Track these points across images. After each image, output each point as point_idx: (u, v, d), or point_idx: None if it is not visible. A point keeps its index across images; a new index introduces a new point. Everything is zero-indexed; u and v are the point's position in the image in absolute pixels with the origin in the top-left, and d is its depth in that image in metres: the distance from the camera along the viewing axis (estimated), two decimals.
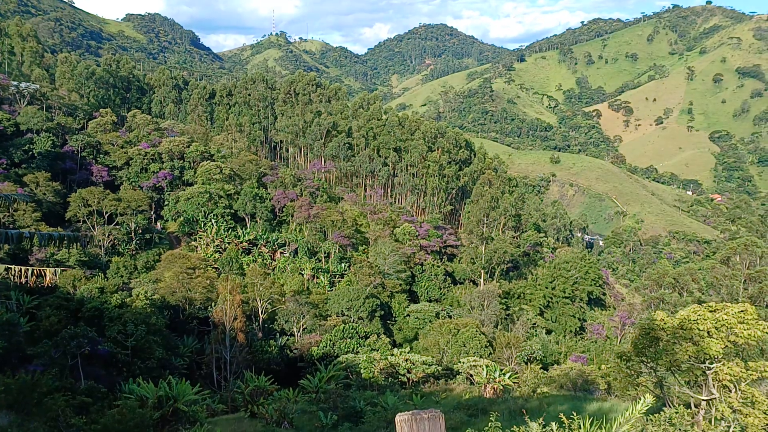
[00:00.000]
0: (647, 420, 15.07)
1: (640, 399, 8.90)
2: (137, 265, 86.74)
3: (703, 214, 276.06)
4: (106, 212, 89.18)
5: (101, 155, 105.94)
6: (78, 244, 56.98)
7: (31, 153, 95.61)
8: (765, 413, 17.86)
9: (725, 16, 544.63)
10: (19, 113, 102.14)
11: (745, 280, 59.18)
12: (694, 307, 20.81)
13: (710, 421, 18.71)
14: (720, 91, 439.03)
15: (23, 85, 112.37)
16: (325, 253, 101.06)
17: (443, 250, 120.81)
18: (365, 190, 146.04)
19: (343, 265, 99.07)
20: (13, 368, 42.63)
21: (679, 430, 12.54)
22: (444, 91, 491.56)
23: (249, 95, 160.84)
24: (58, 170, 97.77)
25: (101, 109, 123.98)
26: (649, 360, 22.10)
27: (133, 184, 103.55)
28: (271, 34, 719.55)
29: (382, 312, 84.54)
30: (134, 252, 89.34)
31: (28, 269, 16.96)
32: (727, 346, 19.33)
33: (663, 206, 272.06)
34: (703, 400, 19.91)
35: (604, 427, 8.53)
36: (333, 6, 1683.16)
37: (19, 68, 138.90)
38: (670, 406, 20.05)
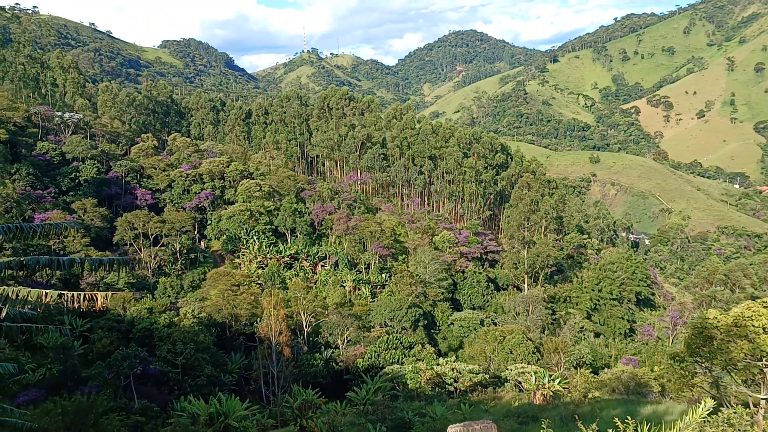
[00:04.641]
0: (705, 421, 14.61)
1: (696, 400, 8.65)
2: (183, 284, 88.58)
3: (752, 207, 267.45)
4: (152, 234, 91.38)
5: (144, 179, 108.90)
6: (127, 267, 58.69)
7: (77, 180, 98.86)
8: None
9: (764, 4, 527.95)
10: (64, 143, 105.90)
11: None
12: (747, 304, 20.19)
13: None
14: (763, 80, 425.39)
15: (67, 115, 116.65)
16: (365, 264, 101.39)
17: (484, 257, 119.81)
18: (402, 200, 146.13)
19: (383, 275, 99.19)
20: (68, 391, 43.90)
21: (738, 430, 12.12)
22: (477, 97, 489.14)
23: (284, 113, 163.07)
24: (104, 196, 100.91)
25: (142, 135, 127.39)
26: (704, 360, 21.49)
27: (176, 205, 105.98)
28: (302, 51, 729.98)
29: (426, 321, 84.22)
30: (180, 272, 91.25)
31: (80, 294, 17.49)
32: None
33: (710, 201, 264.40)
34: (762, 399, 19.23)
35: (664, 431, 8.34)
36: (362, 19, 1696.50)
37: (62, 99, 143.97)
38: (727, 407, 19.39)
